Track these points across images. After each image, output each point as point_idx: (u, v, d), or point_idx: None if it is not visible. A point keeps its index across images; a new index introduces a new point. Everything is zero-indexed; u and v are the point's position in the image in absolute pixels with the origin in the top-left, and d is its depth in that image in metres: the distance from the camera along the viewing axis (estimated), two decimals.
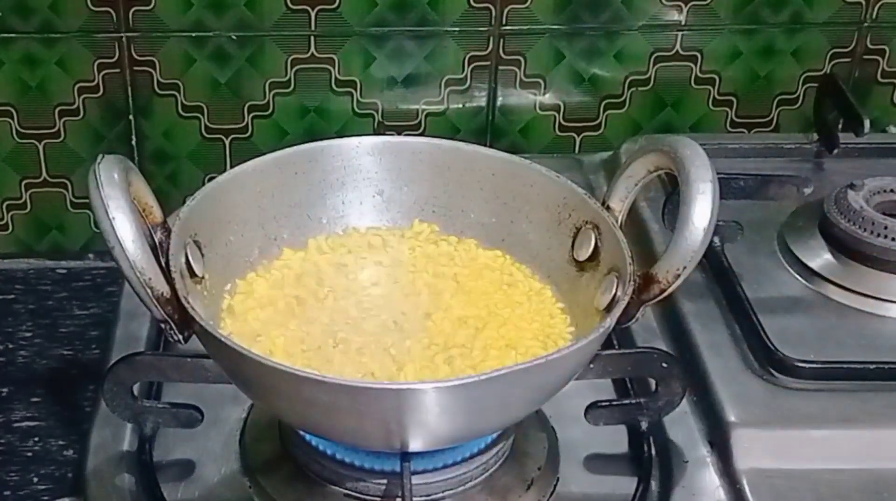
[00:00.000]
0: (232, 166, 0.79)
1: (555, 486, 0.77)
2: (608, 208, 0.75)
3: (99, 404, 0.80)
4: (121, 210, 0.65)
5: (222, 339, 0.64)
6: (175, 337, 0.68)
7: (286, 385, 0.64)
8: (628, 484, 0.77)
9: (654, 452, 0.79)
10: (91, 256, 1.08)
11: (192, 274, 0.73)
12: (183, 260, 0.71)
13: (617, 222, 0.74)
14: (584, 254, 0.76)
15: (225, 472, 0.78)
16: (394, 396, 0.62)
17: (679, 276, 0.69)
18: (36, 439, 0.86)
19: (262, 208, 0.79)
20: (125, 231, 0.64)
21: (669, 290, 0.70)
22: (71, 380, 0.92)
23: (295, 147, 0.80)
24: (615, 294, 0.71)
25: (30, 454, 0.85)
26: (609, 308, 0.71)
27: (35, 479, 0.83)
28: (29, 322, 0.99)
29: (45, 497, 0.81)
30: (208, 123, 1.07)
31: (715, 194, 0.68)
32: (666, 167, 0.72)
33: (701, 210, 0.68)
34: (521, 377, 0.63)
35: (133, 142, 1.07)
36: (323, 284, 0.78)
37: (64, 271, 1.06)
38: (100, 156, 0.67)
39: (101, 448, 0.79)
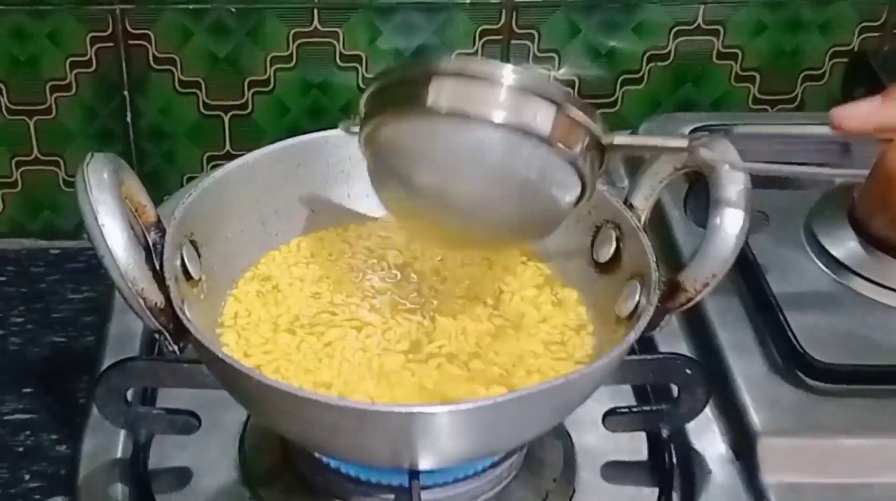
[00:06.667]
0: (231, 144, 0.76)
1: (571, 498, 0.75)
2: (631, 207, 0.71)
3: (91, 408, 0.77)
4: (111, 215, 0.62)
5: (219, 355, 0.61)
6: (170, 348, 0.66)
7: (288, 406, 0.61)
8: (649, 495, 0.75)
9: (675, 461, 0.77)
10: (85, 236, 1.05)
11: (188, 277, 0.70)
12: (178, 263, 0.69)
13: (640, 222, 0.71)
14: (604, 256, 0.73)
15: (223, 482, 0.75)
16: (403, 419, 0.59)
17: (708, 285, 0.67)
18: (28, 433, 0.84)
19: (261, 204, 0.76)
20: (116, 239, 0.62)
21: (697, 298, 0.67)
22: (64, 370, 0.90)
23: (298, 138, 0.77)
24: (638, 302, 0.68)
25: (21, 449, 0.83)
26: (631, 316, 0.68)
27: (27, 476, 0.81)
28: (21, 306, 0.96)
29: (37, 496, 0.79)
30: (206, 100, 1.04)
31: (748, 198, 0.65)
32: (693, 166, 0.68)
33: (733, 215, 0.65)
34: (540, 399, 0.60)
35: (128, 119, 1.04)
36: (324, 286, 0.76)
37: (57, 250, 1.04)
38: (89, 155, 0.64)
39: (94, 456, 0.76)
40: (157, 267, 0.66)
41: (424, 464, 0.64)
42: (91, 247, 0.99)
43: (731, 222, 0.64)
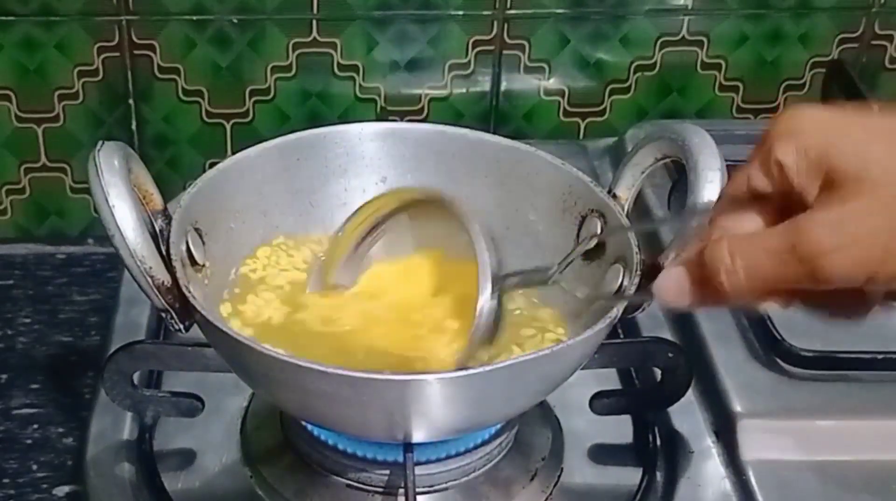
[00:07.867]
0: (233, 151, 0.78)
1: (559, 477, 0.77)
2: (614, 196, 0.74)
3: (99, 392, 0.79)
4: (121, 198, 0.64)
5: (223, 328, 0.64)
6: (176, 326, 0.68)
7: (287, 375, 0.63)
8: (633, 475, 0.77)
9: (659, 442, 0.79)
10: (91, 241, 1.07)
11: (193, 262, 0.72)
12: (184, 248, 0.71)
13: (623, 210, 0.73)
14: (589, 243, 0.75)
15: (226, 462, 0.78)
16: (397, 387, 0.61)
17: None
18: (35, 426, 0.85)
19: (263, 195, 0.78)
20: (125, 219, 0.64)
21: None
22: (70, 367, 0.92)
23: (297, 133, 0.80)
24: (621, 284, 0.70)
25: (29, 441, 0.84)
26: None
27: (34, 466, 0.82)
28: (28, 308, 0.98)
29: (45, 485, 0.80)
30: (209, 108, 1.05)
31: (723, 183, 0.67)
32: (673, 155, 0.71)
33: (709, 199, 0.67)
34: (527, 369, 0.63)
35: (133, 126, 1.06)
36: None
37: (63, 256, 1.05)
38: (100, 142, 0.66)
39: (101, 437, 0.78)
40: (164, 252, 0.68)
41: (418, 435, 0.66)
42: (96, 251, 1.04)
43: (707, 205, 0.66)
